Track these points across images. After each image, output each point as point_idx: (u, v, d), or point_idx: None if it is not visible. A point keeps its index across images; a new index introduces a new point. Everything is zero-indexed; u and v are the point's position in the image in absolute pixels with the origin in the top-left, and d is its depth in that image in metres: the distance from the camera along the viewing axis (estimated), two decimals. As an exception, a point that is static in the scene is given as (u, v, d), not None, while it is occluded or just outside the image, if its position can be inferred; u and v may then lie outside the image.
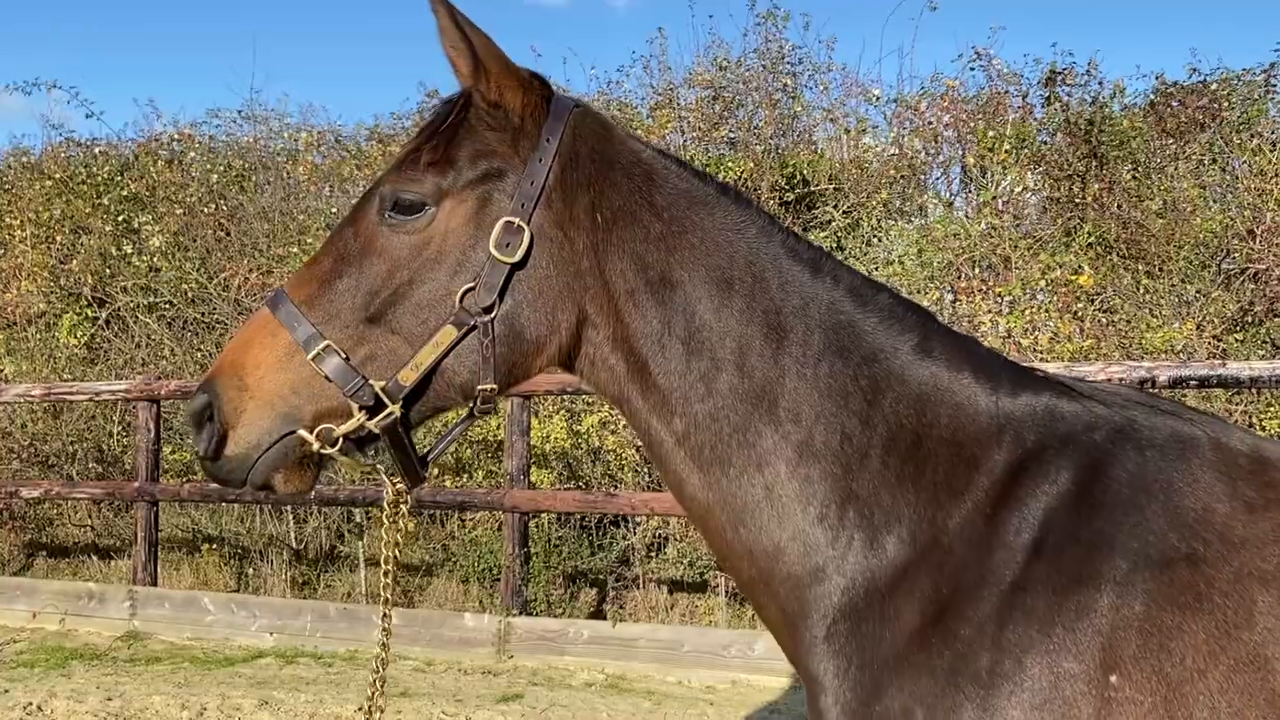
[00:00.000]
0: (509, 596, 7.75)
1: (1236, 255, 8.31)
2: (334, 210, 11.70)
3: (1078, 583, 1.68)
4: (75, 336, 11.87)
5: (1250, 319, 8.06)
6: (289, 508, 10.15)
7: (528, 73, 1.90)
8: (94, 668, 7.64)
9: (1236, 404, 7.66)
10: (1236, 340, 7.93)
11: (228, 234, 11.92)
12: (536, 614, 7.90)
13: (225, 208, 12.06)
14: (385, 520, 1.98)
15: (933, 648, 1.70)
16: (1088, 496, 1.75)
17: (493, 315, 1.84)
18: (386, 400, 1.83)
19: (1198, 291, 8.19)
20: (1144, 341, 7.57)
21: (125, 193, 12.31)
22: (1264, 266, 7.95)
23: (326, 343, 1.82)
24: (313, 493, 1.96)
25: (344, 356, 1.82)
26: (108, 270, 11.95)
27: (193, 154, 12.75)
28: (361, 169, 12.17)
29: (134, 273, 11.73)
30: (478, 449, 9.74)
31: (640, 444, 2.00)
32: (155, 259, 11.65)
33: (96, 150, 13.07)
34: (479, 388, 1.87)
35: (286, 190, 12.18)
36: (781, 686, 6.51)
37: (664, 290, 1.84)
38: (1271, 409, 7.52)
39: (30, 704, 6.68)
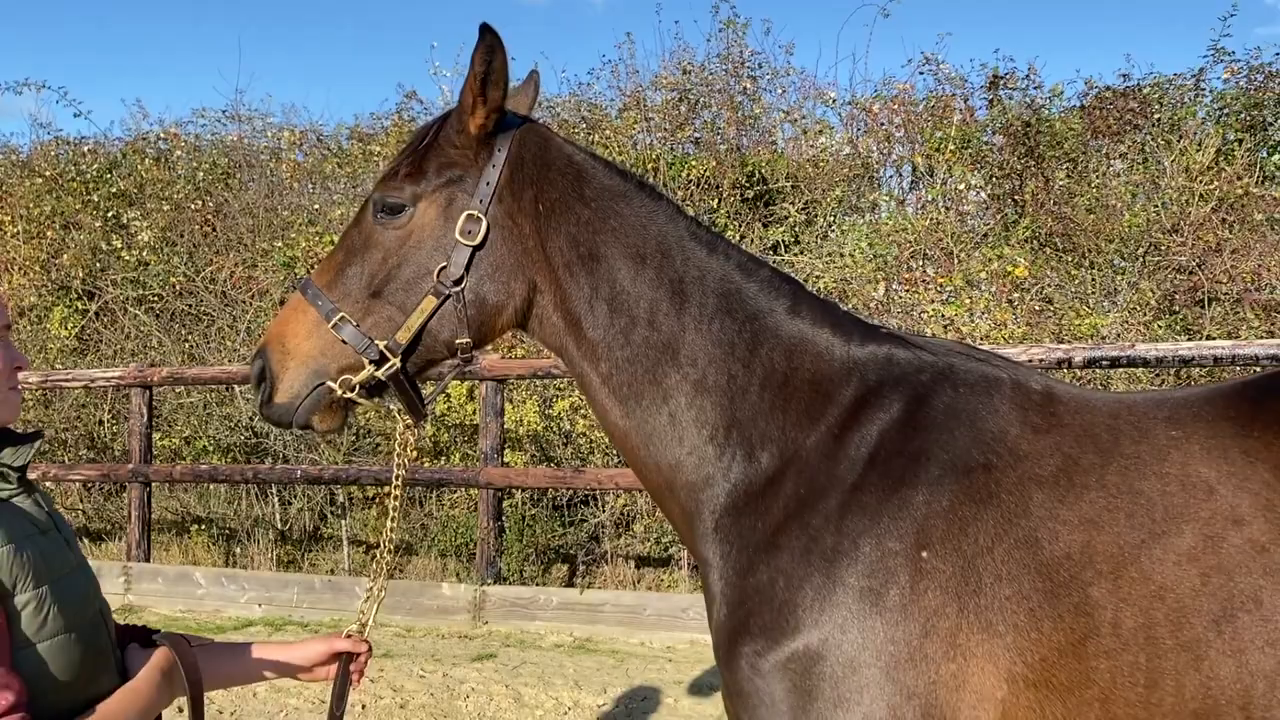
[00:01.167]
0: (484, 567, 8.28)
1: (1163, 248, 8.91)
2: (316, 206, 12.12)
3: (901, 484, 2.21)
4: (66, 328, 12.25)
5: (1174, 307, 8.67)
6: (274, 489, 10.62)
7: (495, 97, 2.42)
8: (93, 636, 8.11)
9: (1158, 383, 8.25)
10: (1161, 327, 8.52)
11: (214, 229, 12.30)
12: (510, 584, 8.43)
13: (211, 204, 12.45)
14: (397, 447, 2.53)
15: (792, 534, 2.23)
16: (912, 421, 2.28)
17: (462, 286, 2.37)
18: (389, 355, 2.36)
19: (1127, 282, 8.79)
20: (1073, 328, 8.16)
21: (114, 190, 12.66)
22: (1185, 259, 8.56)
23: (342, 315, 2.35)
24: (342, 432, 2.51)
25: (355, 324, 2.36)
26: (98, 264, 12.31)
27: (179, 152, 13.13)
28: (342, 166, 12.58)
29: (123, 266, 12.10)
30: (455, 433, 10.23)
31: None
32: (144, 253, 12.01)
33: (85, 149, 13.41)
34: (458, 342, 2.41)
35: (270, 187, 12.59)
36: (735, 645, 7.04)
37: (592, 263, 2.37)
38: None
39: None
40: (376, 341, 2.36)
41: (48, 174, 12.93)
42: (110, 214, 12.52)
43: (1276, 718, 2.03)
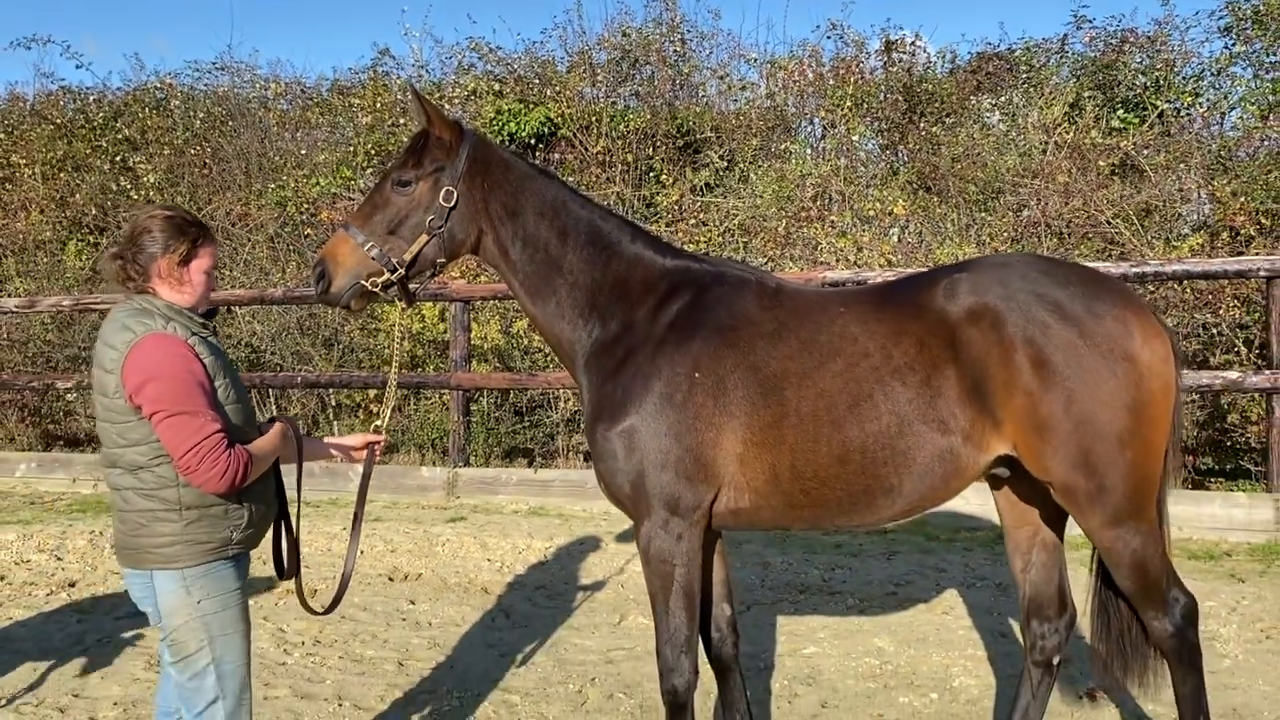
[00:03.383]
0: (455, 454, 10.08)
1: (1020, 190, 10.70)
2: (303, 151, 13.66)
3: (687, 338, 3.97)
4: (80, 260, 13.79)
5: (1022, 240, 10.46)
6: (272, 395, 12.33)
7: (454, 121, 4.14)
8: (133, 513, 9.84)
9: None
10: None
11: (211, 171, 13.80)
12: (477, 467, 10.23)
13: (208, 149, 13.95)
14: (397, 319, 4.28)
15: (626, 366, 3.98)
16: (695, 304, 4.04)
17: (442, 230, 4.09)
18: (399, 267, 4.07)
19: (985, 220, 10.57)
20: (936, 258, 9.96)
21: (120, 136, 14.11)
22: (1032, 199, 10.35)
23: (371, 243, 4.04)
24: (363, 313, 4.21)
25: (379, 249, 4.06)
26: (108, 202, 13.78)
27: (176, 101, 14.55)
28: (324, 116, 14.09)
29: (131, 204, 13.60)
30: (430, 349, 11.94)
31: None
32: (150, 193, 13.48)
33: (91, 98, 14.80)
34: (438, 261, 4.13)
35: (261, 133, 14.07)
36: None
37: (514, 217, 4.10)
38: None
39: (94, 530, 8.91)
40: (391, 259, 4.08)
41: (58, 121, 14.33)
42: (117, 158, 13.95)
43: (877, 456, 3.84)
